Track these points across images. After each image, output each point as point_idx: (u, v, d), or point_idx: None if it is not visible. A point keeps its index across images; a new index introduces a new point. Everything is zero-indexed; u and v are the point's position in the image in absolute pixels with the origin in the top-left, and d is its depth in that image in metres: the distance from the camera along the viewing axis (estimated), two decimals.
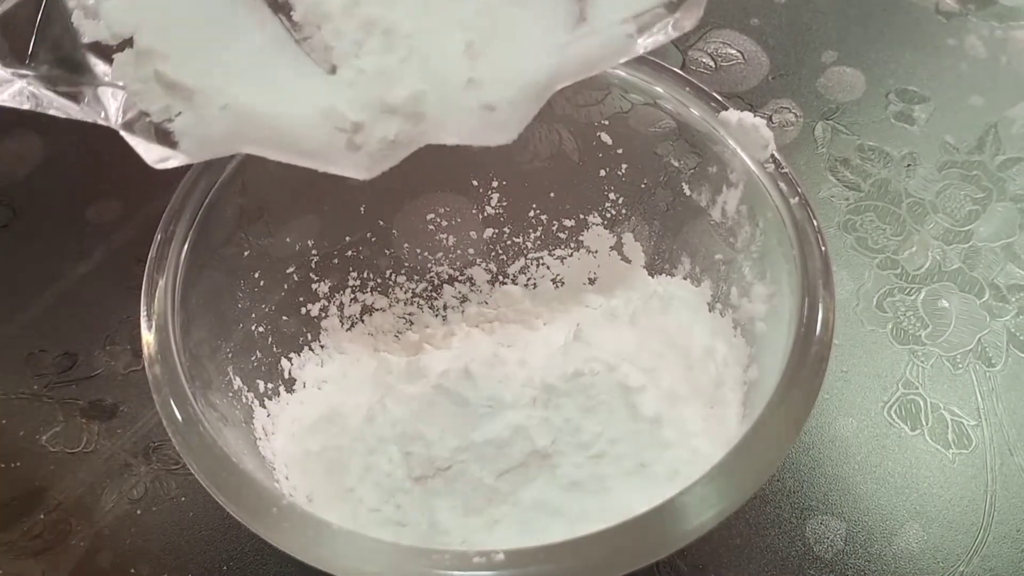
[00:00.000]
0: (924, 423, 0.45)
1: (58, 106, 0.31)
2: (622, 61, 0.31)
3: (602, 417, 0.37)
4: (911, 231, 0.52)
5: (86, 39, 0.30)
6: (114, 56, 0.30)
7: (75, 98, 0.30)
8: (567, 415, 0.37)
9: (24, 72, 0.30)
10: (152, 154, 0.31)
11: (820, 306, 0.33)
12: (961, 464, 0.43)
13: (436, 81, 0.30)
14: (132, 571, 0.41)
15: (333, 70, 0.30)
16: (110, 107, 0.30)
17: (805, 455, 0.43)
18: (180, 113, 0.30)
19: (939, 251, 0.51)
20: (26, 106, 0.31)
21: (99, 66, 0.30)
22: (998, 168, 0.54)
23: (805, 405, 0.31)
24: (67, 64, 0.30)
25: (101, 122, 0.30)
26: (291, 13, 0.29)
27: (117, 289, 0.49)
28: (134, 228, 0.52)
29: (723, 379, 0.38)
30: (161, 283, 0.35)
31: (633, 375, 0.38)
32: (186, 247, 0.36)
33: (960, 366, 0.46)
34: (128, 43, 0.30)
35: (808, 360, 0.32)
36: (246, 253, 0.39)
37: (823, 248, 0.34)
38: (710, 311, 0.41)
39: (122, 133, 0.30)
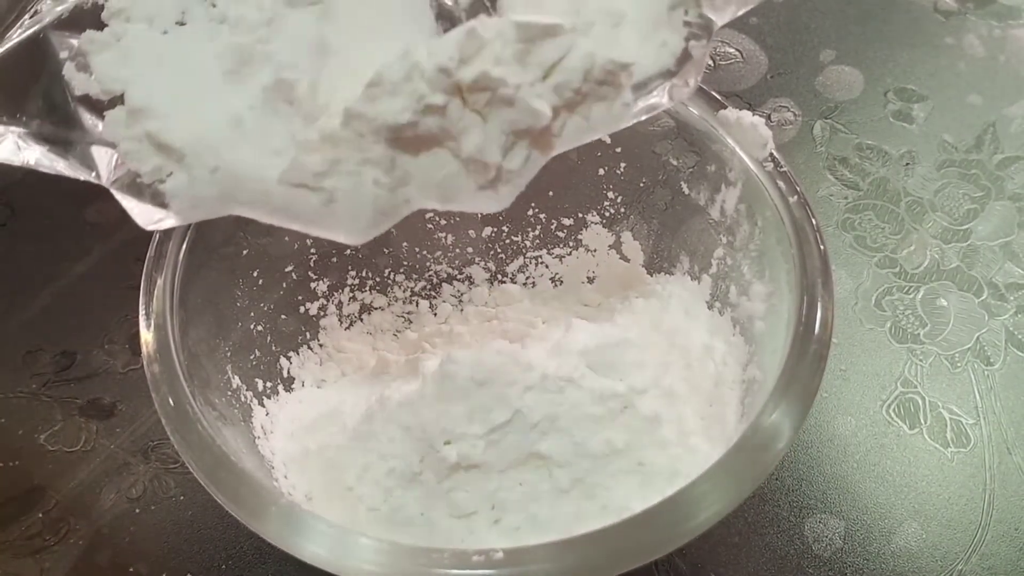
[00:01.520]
0: (923, 422, 0.45)
1: (48, 162, 0.30)
2: (617, 129, 0.31)
3: (601, 416, 0.37)
4: (910, 230, 0.52)
5: (77, 92, 0.29)
6: (105, 113, 0.29)
7: (65, 154, 0.30)
8: (566, 414, 0.37)
9: (14, 127, 0.30)
10: (143, 215, 0.30)
11: (819, 305, 0.33)
12: (959, 463, 0.43)
13: None
14: (131, 570, 0.41)
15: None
16: (101, 165, 0.29)
17: (804, 454, 0.44)
18: (171, 174, 0.29)
19: (938, 250, 0.51)
20: (16, 162, 0.30)
21: (90, 121, 0.29)
22: (996, 167, 0.54)
23: (804, 404, 0.31)
24: (58, 118, 0.29)
25: (92, 180, 0.30)
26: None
27: (116, 288, 0.49)
28: (133, 227, 0.52)
29: (722, 378, 0.38)
30: (160, 282, 0.35)
31: (631, 374, 0.38)
32: (185, 246, 0.36)
33: (959, 365, 0.47)
34: (119, 99, 0.29)
35: (807, 359, 0.32)
36: (245, 252, 0.39)
37: (822, 247, 0.34)
38: (709, 310, 0.41)
39: (113, 192, 0.30)
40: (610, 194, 0.44)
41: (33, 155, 0.30)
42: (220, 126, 0.29)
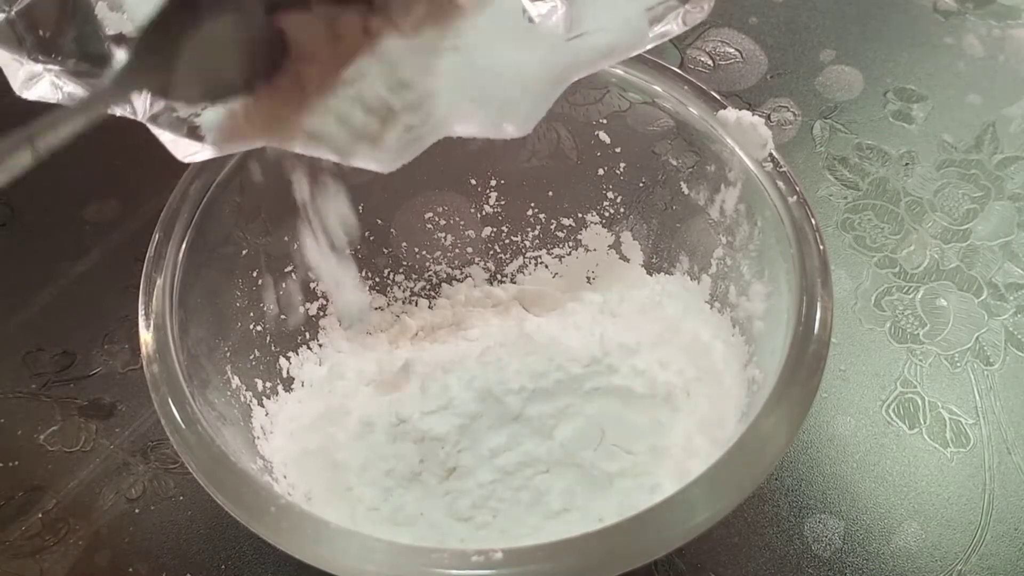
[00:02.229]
0: (922, 422, 0.45)
1: (85, 100, 0.30)
2: (634, 53, 0.31)
3: (599, 416, 0.37)
4: (909, 230, 0.52)
5: (110, 31, 0.30)
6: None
7: (101, 91, 0.30)
8: (565, 415, 0.37)
9: (51, 65, 0.30)
10: (180, 148, 0.31)
11: (818, 305, 0.33)
12: (959, 463, 0.43)
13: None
14: (130, 570, 0.41)
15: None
16: (136, 101, 0.30)
17: (803, 454, 0.44)
18: (207, 106, 0.30)
19: (937, 250, 0.51)
20: (53, 99, 0.31)
21: (124, 59, 0.30)
22: (996, 167, 0.54)
23: (803, 404, 0.31)
24: (92, 57, 0.30)
25: (128, 115, 0.30)
26: None
27: (115, 288, 0.49)
28: (132, 227, 0.52)
29: (721, 377, 0.38)
30: (159, 282, 0.35)
31: (631, 374, 0.38)
32: (184, 246, 0.36)
33: (958, 365, 0.46)
34: None
35: (806, 359, 0.32)
36: (244, 252, 0.39)
37: (821, 247, 0.34)
38: (708, 310, 0.41)
39: (150, 127, 0.30)
40: (609, 194, 0.44)
41: (69, 91, 0.30)
42: None
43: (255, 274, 0.40)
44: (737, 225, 0.39)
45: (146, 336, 0.33)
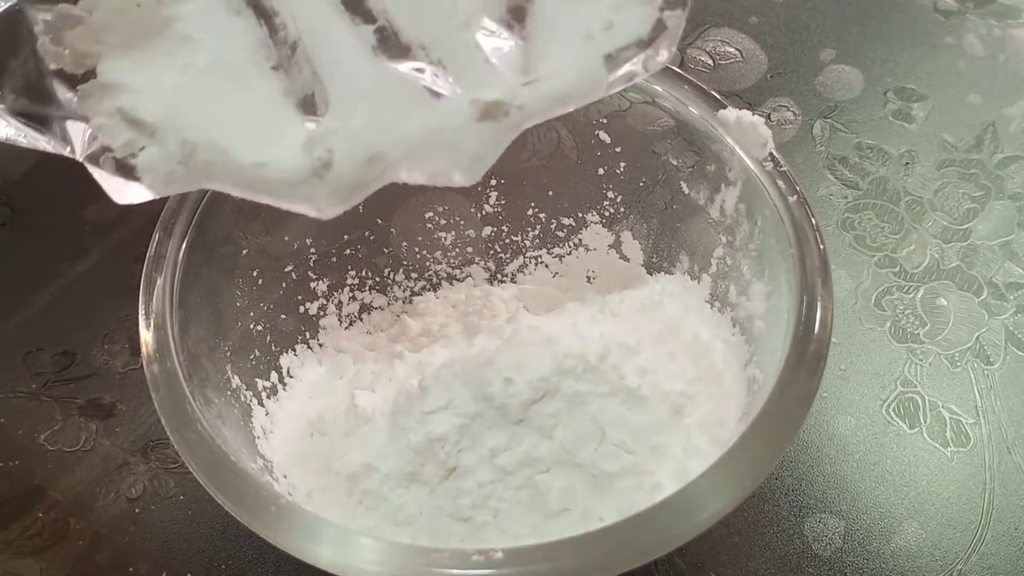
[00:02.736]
0: (922, 421, 0.45)
1: (26, 137, 0.30)
2: (591, 100, 0.31)
3: (600, 416, 0.37)
4: (909, 229, 0.52)
5: (52, 67, 0.29)
6: (78, 88, 0.29)
7: (42, 129, 0.30)
8: (565, 414, 0.37)
9: None
10: (115, 189, 0.30)
11: (818, 304, 0.33)
12: (959, 462, 0.43)
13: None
14: (130, 570, 0.41)
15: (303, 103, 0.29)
16: (76, 139, 0.30)
17: (804, 453, 0.44)
18: (143, 148, 0.29)
19: (937, 249, 0.51)
20: None
21: (65, 95, 0.29)
22: (996, 166, 0.54)
23: (803, 403, 0.31)
24: (34, 93, 0.30)
25: (67, 155, 0.30)
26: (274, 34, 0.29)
27: (115, 288, 0.49)
28: (132, 227, 0.52)
29: (721, 377, 0.38)
30: (159, 282, 0.35)
31: (631, 374, 0.38)
32: (184, 245, 0.36)
33: (958, 364, 0.46)
34: (92, 74, 0.29)
35: (806, 358, 0.32)
36: (244, 251, 0.39)
37: (821, 246, 0.34)
38: (709, 309, 0.41)
39: (86, 165, 0.30)
40: (610, 194, 0.44)
41: (11, 130, 0.30)
42: (193, 99, 0.29)
43: (255, 273, 0.40)
44: (737, 225, 0.39)
45: (146, 336, 0.33)
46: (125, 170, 0.29)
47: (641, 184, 0.43)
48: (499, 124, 0.29)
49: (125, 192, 0.30)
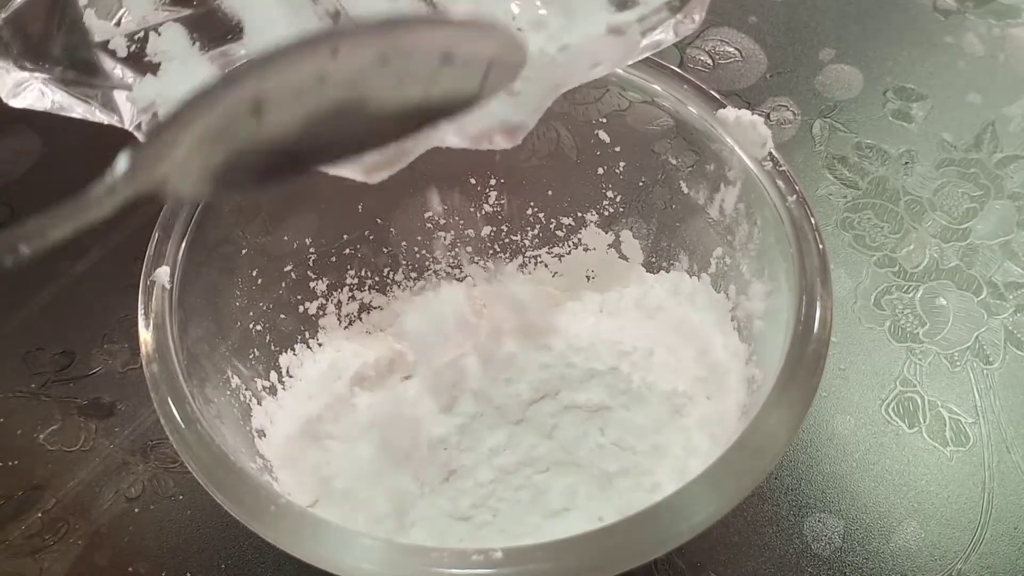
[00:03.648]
0: (922, 421, 0.45)
1: (72, 107, 0.30)
2: (625, 64, 0.31)
3: (599, 415, 0.37)
4: (909, 229, 0.52)
5: (98, 38, 0.30)
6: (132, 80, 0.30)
7: (88, 99, 0.30)
8: (565, 414, 0.37)
9: (38, 73, 0.30)
10: None
11: (818, 304, 0.33)
12: (959, 462, 0.43)
13: None
14: (130, 569, 0.41)
15: None
16: (124, 109, 0.30)
17: (803, 453, 0.44)
18: None
19: (937, 249, 0.51)
20: (40, 107, 0.30)
21: (111, 66, 0.30)
22: (996, 166, 0.54)
23: (803, 403, 0.31)
24: (80, 64, 0.30)
25: (115, 123, 0.30)
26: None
27: (115, 287, 0.49)
28: (132, 226, 0.52)
29: (721, 377, 0.38)
30: (159, 281, 0.35)
31: (631, 373, 0.38)
32: (184, 245, 0.36)
33: (958, 364, 0.46)
34: (143, 50, 0.29)
35: (806, 358, 0.32)
36: (244, 251, 0.39)
37: (821, 246, 0.34)
38: (708, 309, 0.41)
39: (135, 135, 0.30)
40: (609, 193, 0.44)
41: (58, 100, 0.30)
42: None
43: (254, 273, 0.40)
44: (736, 224, 0.39)
45: (145, 335, 0.33)
46: None
47: (640, 184, 0.43)
48: (536, 88, 0.29)
49: None
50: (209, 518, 0.42)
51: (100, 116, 0.30)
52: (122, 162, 0.23)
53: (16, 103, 0.30)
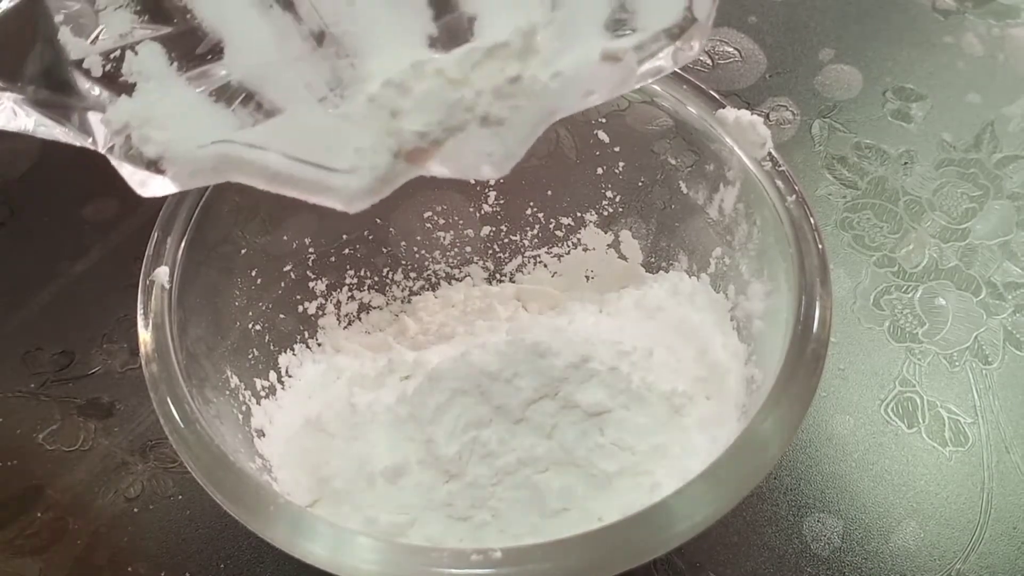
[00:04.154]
0: (921, 421, 0.45)
1: (45, 128, 0.30)
2: (620, 93, 0.30)
3: (598, 415, 0.37)
4: (908, 229, 0.52)
5: (72, 56, 0.29)
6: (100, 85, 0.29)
7: (62, 120, 0.30)
8: (564, 414, 0.37)
9: (11, 93, 0.29)
10: (136, 180, 0.29)
11: (817, 304, 0.33)
12: (958, 462, 0.43)
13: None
14: (129, 569, 0.41)
15: (326, 98, 0.29)
16: (97, 131, 0.29)
17: (802, 453, 0.44)
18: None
19: (936, 249, 0.51)
20: (13, 128, 0.30)
21: (86, 86, 0.29)
22: (995, 166, 0.54)
23: (802, 403, 0.31)
24: (54, 84, 0.29)
25: (88, 146, 0.30)
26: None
27: (114, 287, 0.49)
28: (131, 226, 0.52)
29: (720, 377, 0.38)
30: (158, 281, 0.35)
31: (630, 373, 0.38)
32: (183, 245, 0.36)
33: (957, 364, 0.47)
34: (118, 69, 0.29)
35: (805, 358, 0.32)
36: (243, 251, 0.39)
37: (820, 246, 0.34)
38: (707, 309, 0.41)
39: (109, 158, 0.30)
40: (608, 193, 0.44)
41: (30, 121, 0.29)
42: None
43: (254, 273, 0.40)
44: (736, 224, 0.39)
45: (145, 335, 0.33)
46: (149, 163, 0.29)
47: (640, 184, 0.43)
48: (526, 117, 0.29)
49: (149, 185, 0.30)
50: (208, 518, 0.42)
51: (73, 138, 0.30)
52: None
53: None
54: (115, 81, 0.29)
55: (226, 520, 0.30)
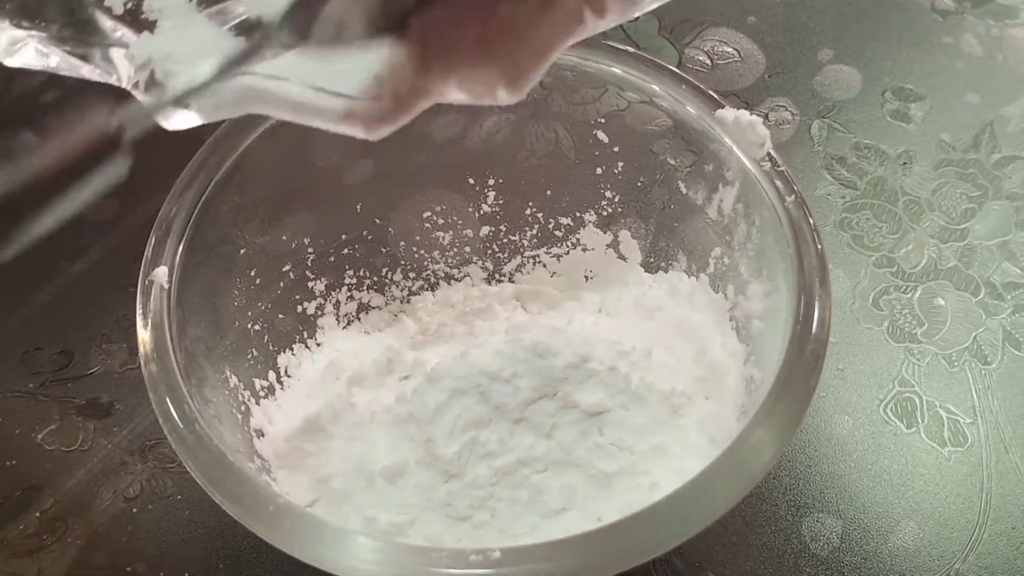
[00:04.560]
0: (920, 421, 0.45)
1: (69, 66, 0.30)
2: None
3: (598, 415, 0.37)
4: (907, 229, 0.52)
5: None
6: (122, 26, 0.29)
7: (86, 58, 0.30)
8: (563, 414, 0.37)
9: (34, 31, 0.30)
10: (161, 114, 0.29)
11: (816, 304, 0.33)
12: (957, 462, 0.43)
13: None
14: (128, 569, 0.41)
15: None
16: (121, 67, 0.30)
17: (801, 453, 0.44)
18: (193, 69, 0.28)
19: (935, 249, 0.51)
20: (37, 66, 0.30)
21: (108, 24, 0.29)
22: (994, 166, 0.54)
23: (801, 403, 0.31)
24: (76, 22, 0.29)
25: (112, 82, 0.30)
26: None
27: (113, 287, 0.49)
28: (131, 226, 0.52)
29: (719, 377, 0.38)
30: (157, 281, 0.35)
31: (629, 373, 0.38)
32: (182, 245, 0.36)
33: (956, 364, 0.47)
34: (139, 8, 0.29)
35: (804, 358, 0.32)
36: (242, 251, 0.39)
37: (819, 246, 0.34)
38: (706, 309, 0.41)
39: (133, 93, 0.30)
40: (607, 193, 0.44)
41: (54, 59, 0.30)
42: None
43: (253, 273, 0.40)
44: (735, 224, 0.39)
45: (144, 335, 0.33)
46: (172, 98, 0.29)
47: (639, 184, 0.43)
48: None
49: (173, 118, 0.30)
50: (208, 518, 0.42)
51: (98, 75, 0.30)
52: None
53: (12, 62, 0.30)
54: (136, 19, 0.29)
55: (225, 520, 0.30)
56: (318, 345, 0.44)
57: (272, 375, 0.41)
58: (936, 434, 0.44)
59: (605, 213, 0.45)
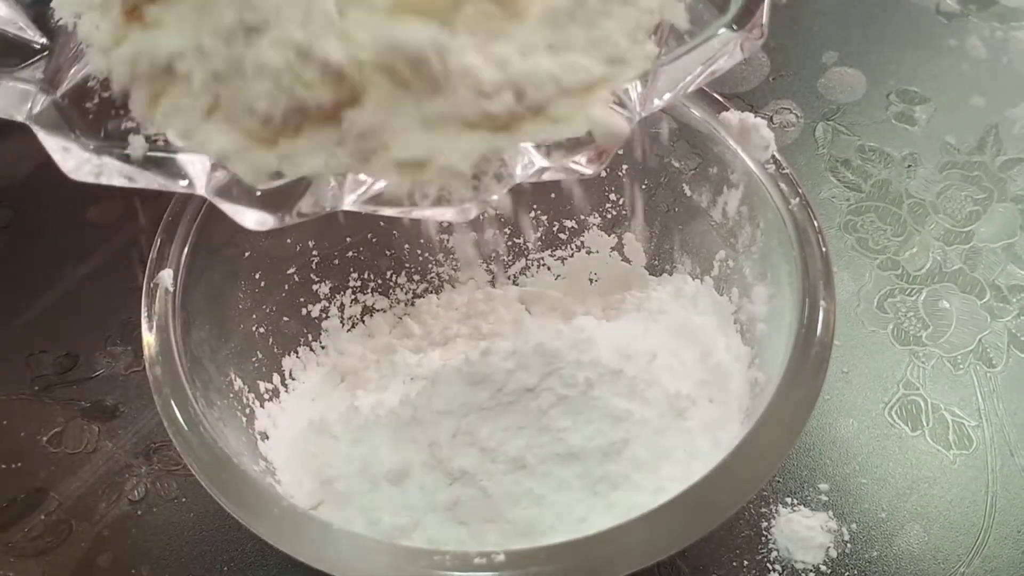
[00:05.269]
0: (925, 424, 0.45)
1: (142, 178, 0.28)
2: (693, 89, 0.29)
3: (603, 418, 0.37)
4: (912, 232, 0.52)
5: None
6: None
7: (168, 173, 0.28)
8: (567, 417, 0.37)
9: (100, 145, 0.29)
10: (249, 219, 0.28)
11: (821, 307, 0.33)
12: (962, 465, 0.43)
13: None
14: (132, 572, 0.41)
15: None
16: (194, 173, 0.28)
17: (806, 456, 0.43)
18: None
19: (940, 252, 0.51)
20: (115, 182, 0.28)
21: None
22: (999, 169, 0.54)
23: (806, 406, 0.31)
24: (141, 133, 0.28)
25: (187, 191, 0.29)
26: None
27: (118, 290, 0.49)
28: (135, 229, 0.52)
29: (724, 380, 0.38)
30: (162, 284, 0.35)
31: (634, 376, 0.38)
32: (187, 248, 0.36)
33: (961, 367, 0.46)
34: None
35: (809, 361, 0.32)
36: (247, 254, 0.39)
37: (824, 249, 0.34)
38: (711, 312, 0.41)
39: (214, 201, 0.28)
40: (612, 196, 0.44)
41: (124, 172, 0.28)
42: None
43: (257, 276, 0.40)
44: (739, 227, 0.39)
45: (148, 338, 0.33)
46: (253, 199, 0.28)
47: (643, 186, 0.43)
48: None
49: (261, 221, 0.28)
50: (212, 520, 0.42)
51: (170, 185, 0.29)
52: None
53: (80, 177, 0.29)
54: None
55: (230, 522, 0.30)
56: (322, 348, 0.44)
57: (276, 378, 0.41)
58: (941, 437, 0.44)
59: (609, 216, 0.45)
